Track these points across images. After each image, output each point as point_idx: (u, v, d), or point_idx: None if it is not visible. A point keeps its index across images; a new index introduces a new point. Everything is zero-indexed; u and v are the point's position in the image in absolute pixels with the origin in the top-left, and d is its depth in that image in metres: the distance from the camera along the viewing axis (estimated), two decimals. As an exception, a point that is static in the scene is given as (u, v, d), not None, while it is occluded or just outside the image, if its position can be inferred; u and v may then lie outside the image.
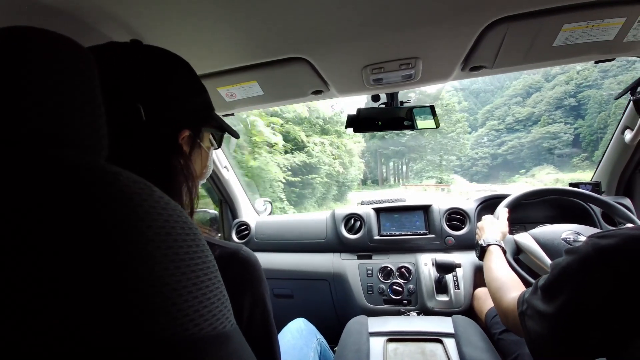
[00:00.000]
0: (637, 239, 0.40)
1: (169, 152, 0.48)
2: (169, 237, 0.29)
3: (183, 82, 0.51)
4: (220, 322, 0.31)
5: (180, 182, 0.48)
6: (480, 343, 0.86)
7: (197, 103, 0.53)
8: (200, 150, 0.54)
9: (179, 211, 0.32)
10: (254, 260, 0.50)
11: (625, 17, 0.69)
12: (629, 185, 1.32)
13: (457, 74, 0.95)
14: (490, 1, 0.64)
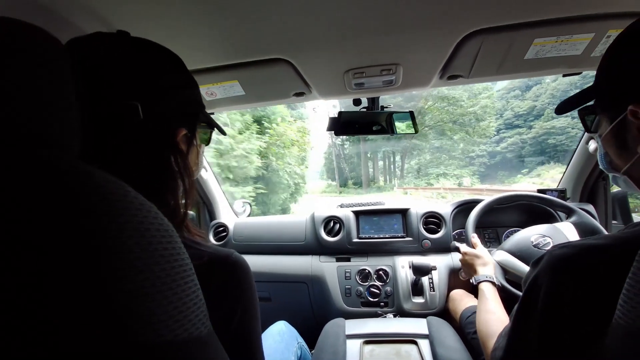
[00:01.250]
0: (590, 248, 0.42)
1: (167, 151, 0.46)
2: (143, 239, 0.28)
3: (176, 76, 0.49)
4: (196, 327, 0.31)
5: (177, 181, 0.47)
6: (453, 343, 0.89)
7: (191, 99, 0.51)
8: (194, 149, 0.53)
9: (155, 212, 0.31)
10: (245, 265, 0.49)
11: (593, 33, 0.73)
12: (593, 192, 1.41)
13: (436, 81, 0.98)
14: (467, 13, 0.67)
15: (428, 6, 0.64)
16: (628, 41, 0.43)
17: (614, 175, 0.51)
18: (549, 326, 0.44)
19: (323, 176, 26.94)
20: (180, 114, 0.48)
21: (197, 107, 0.53)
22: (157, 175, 0.45)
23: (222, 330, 0.42)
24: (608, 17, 0.69)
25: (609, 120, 0.46)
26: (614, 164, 0.49)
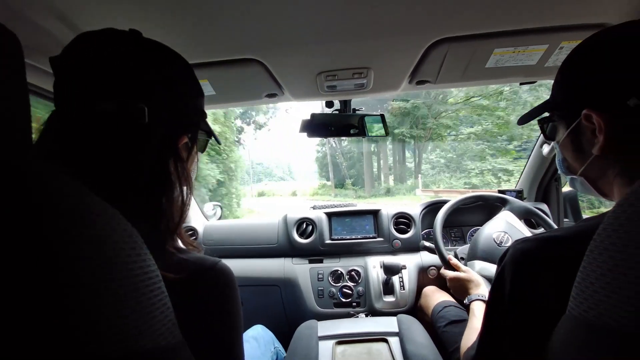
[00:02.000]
0: (549, 240, 0.46)
1: (168, 157, 0.45)
2: (105, 246, 0.26)
3: (186, 83, 0.49)
4: (164, 337, 0.29)
5: (175, 188, 0.46)
6: (422, 339, 0.92)
7: (196, 107, 0.51)
8: (192, 157, 0.52)
9: (118, 219, 0.29)
10: (230, 274, 0.48)
11: (547, 44, 0.79)
12: (546, 192, 1.52)
13: (405, 86, 1.01)
14: (433, 22, 0.70)
15: (397, 14, 0.66)
16: (580, 54, 0.47)
17: (571, 177, 0.54)
18: (516, 319, 0.47)
19: (320, 175, 23.11)
20: (185, 121, 0.48)
21: (201, 116, 0.52)
22: (155, 180, 0.44)
23: (204, 340, 0.41)
24: (560, 30, 0.74)
25: (566, 127, 0.50)
26: (571, 167, 0.53)
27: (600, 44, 0.45)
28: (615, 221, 0.30)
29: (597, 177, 0.49)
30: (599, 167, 0.47)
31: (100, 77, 0.39)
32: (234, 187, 6.93)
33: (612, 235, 0.30)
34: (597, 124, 0.43)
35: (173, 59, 0.47)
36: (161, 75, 0.44)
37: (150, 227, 0.43)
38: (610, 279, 0.29)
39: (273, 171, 39.01)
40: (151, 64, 0.43)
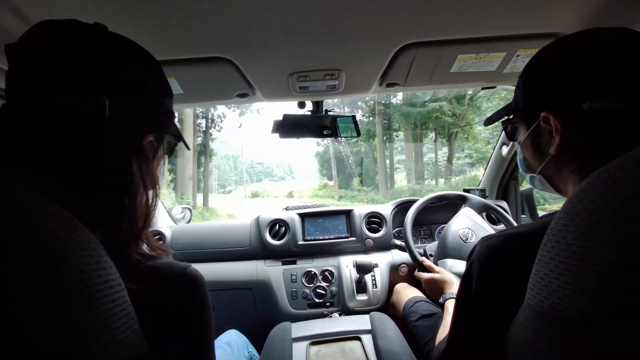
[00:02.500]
0: (511, 236, 0.49)
1: (130, 154, 0.42)
2: (58, 253, 0.25)
3: (154, 81, 0.46)
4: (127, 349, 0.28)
5: (139, 190, 0.43)
6: (394, 335, 0.94)
7: (163, 106, 0.48)
8: (158, 159, 0.49)
9: (73, 223, 0.27)
10: (200, 279, 0.46)
11: (505, 52, 0.85)
12: (506, 190, 1.62)
13: (376, 88, 1.03)
14: (401, 27, 0.72)
15: (366, 18, 0.67)
16: (538, 61, 0.51)
17: (531, 176, 0.58)
18: (483, 312, 0.49)
19: (322, 173, 19.80)
20: (150, 119, 0.45)
21: (168, 117, 0.50)
22: (117, 180, 0.41)
23: (174, 348, 0.40)
24: (517, 38, 0.80)
25: (526, 128, 0.54)
26: (531, 166, 0.57)
27: (556, 52, 0.49)
28: (566, 216, 0.33)
29: (554, 175, 0.53)
30: (555, 166, 0.51)
31: (60, 68, 0.37)
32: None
33: (563, 230, 0.33)
34: (554, 126, 0.47)
35: (140, 55, 0.45)
36: (126, 70, 0.42)
37: (111, 231, 0.40)
38: (563, 270, 0.32)
39: (273, 171, 37.86)
40: (115, 58, 0.41)
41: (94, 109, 0.37)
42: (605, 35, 0.46)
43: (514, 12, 0.70)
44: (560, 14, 0.71)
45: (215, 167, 31.31)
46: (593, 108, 0.43)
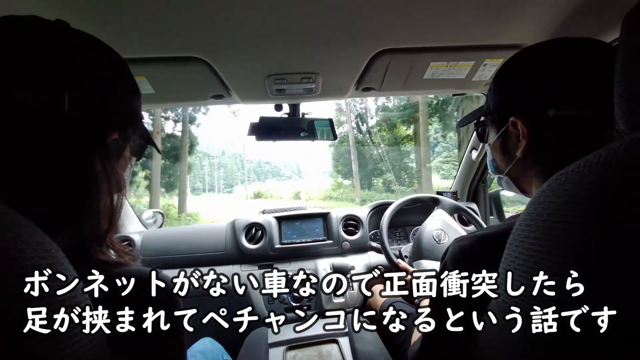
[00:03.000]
0: (482, 237, 0.51)
1: (93, 153, 0.40)
2: (16, 263, 0.23)
3: (121, 79, 0.45)
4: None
5: (103, 190, 0.41)
6: (370, 337, 0.95)
7: (128, 105, 0.46)
8: (124, 159, 0.47)
9: (31, 230, 0.26)
10: (169, 285, 0.45)
11: (474, 61, 0.89)
12: (475, 193, 1.69)
13: (352, 92, 1.05)
14: (376, 34, 0.74)
15: (342, 23, 0.69)
16: (508, 69, 0.54)
17: (499, 177, 0.61)
18: (457, 312, 0.51)
19: (336, 170, 15.78)
20: (114, 116, 0.43)
21: (135, 116, 0.48)
22: (78, 179, 0.39)
23: (145, 358, 0.39)
24: (484, 49, 0.84)
25: (496, 131, 0.57)
26: (499, 167, 0.60)
27: (524, 61, 0.52)
28: (528, 217, 0.35)
29: (519, 177, 0.56)
30: (521, 168, 0.54)
31: (18, 64, 0.35)
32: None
33: (526, 230, 0.35)
34: (522, 130, 0.50)
35: (103, 52, 0.43)
36: (88, 66, 0.40)
37: (73, 235, 0.38)
38: (526, 268, 0.34)
39: (281, 170, 36.60)
40: (76, 54, 0.39)
41: (52, 104, 0.36)
42: (571, 45, 0.49)
43: (481, 23, 0.73)
44: (523, 26, 0.76)
45: (221, 165, 30.09)
46: (558, 115, 0.46)
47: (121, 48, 0.74)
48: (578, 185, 0.30)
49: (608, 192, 0.27)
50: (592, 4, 0.68)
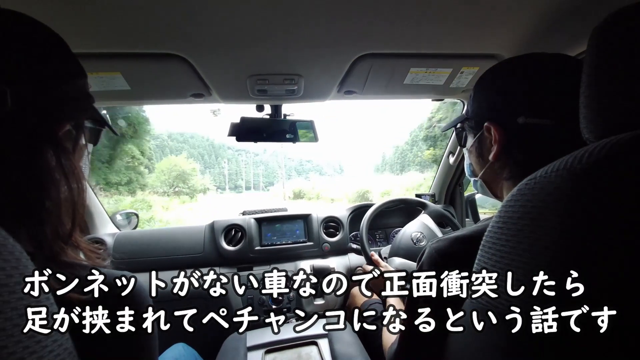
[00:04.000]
0: (457, 239, 0.53)
1: (45, 149, 0.37)
2: None
3: (61, 61, 0.41)
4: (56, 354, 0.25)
5: (59, 186, 0.38)
6: (349, 338, 0.96)
7: (77, 90, 0.43)
8: (80, 148, 0.44)
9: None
10: (141, 289, 0.44)
11: (451, 69, 0.92)
12: (452, 196, 1.74)
13: (334, 95, 1.05)
14: (358, 39, 0.75)
15: (325, 26, 0.69)
16: (485, 78, 0.58)
17: (474, 180, 0.64)
18: (434, 311, 0.52)
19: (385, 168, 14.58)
20: (63, 106, 0.40)
21: (85, 100, 0.45)
22: (33, 178, 0.36)
23: (112, 353, 0.37)
24: (461, 57, 0.88)
25: (473, 136, 0.60)
26: (475, 171, 0.63)
27: (500, 71, 0.56)
28: (500, 220, 0.36)
29: (491, 181, 0.59)
30: (493, 172, 0.57)
31: None
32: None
33: (498, 232, 0.36)
34: (494, 135, 0.53)
35: (37, 35, 0.40)
36: (24, 52, 0.37)
37: (35, 237, 0.36)
38: (498, 269, 0.35)
39: (323, 169, 35.57)
40: (11, 43, 0.37)
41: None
42: (544, 60, 0.53)
43: (459, 33, 0.76)
44: (498, 38, 0.79)
45: (261, 162, 28.87)
46: (527, 122, 0.49)
47: (95, 41, 0.71)
48: (546, 190, 0.31)
49: (573, 196, 0.29)
50: (563, 19, 0.72)
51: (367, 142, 32.76)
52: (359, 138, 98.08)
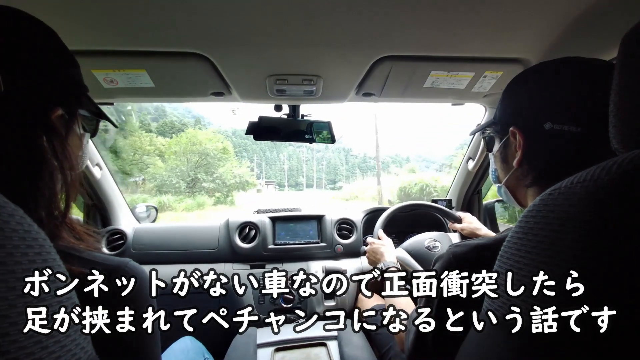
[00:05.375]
0: (477, 246, 0.52)
1: (38, 131, 0.39)
2: (2, 250, 0.23)
3: (49, 49, 0.42)
4: (73, 353, 0.26)
5: (53, 169, 0.40)
6: (358, 341, 0.95)
7: (68, 77, 0.45)
8: (74, 135, 0.46)
9: (19, 217, 0.25)
10: (142, 276, 0.44)
11: (474, 72, 0.90)
12: (470, 203, 1.70)
13: (352, 96, 1.05)
14: (378, 41, 0.75)
15: (346, 28, 0.69)
16: (513, 83, 0.57)
17: (498, 186, 0.63)
18: (446, 313, 0.51)
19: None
20: (55, 91, 0.42)
21: (77, 89, 0.47)
22: (27, 160, 0.38)
23: (114, 351, 0.37)
24: (485, 61, 0.86)
25: (499, 141, 0.59)
26: (500, 176, 0.62)
27: (528, 76, 0.55)
28: (520, 230, 0.35)
29: (515, 187, 0.58)
30: (516, 178, 0.56)
31: None
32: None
33: (517, 243, 0.35)
34: (519, 140, 0.52)
35: (30, 25, 0.42)
36: (14, 40, 0.39)
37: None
38: (515, 280, 0.34)
39: (389, 166, 34.63)
40: (4, 31, 0.38)
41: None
42: (575, 64, 0.51)
43: (482, 36, 0.74)
44: (523, 41, 0.77)
45: (324, 159, 28.25)
46: (553, 129, 0.48)
47: (122, 39, 0.74)
48: (570, 201, 0.30)
49: (598, 209, 0.28)
50: (593, 23, 0.69)
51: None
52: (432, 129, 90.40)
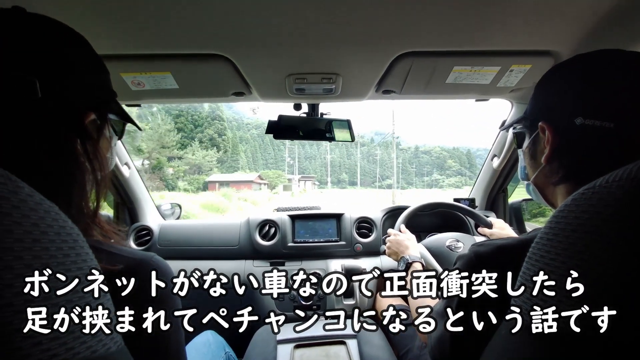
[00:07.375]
0: (501, 246, 0.50)
1: (72, 135, 0.41)
2: (37, 245, 0.24)
3: (82, 57, 0.44)
4: (103, 343, 0.27)
5: (85, 172, 0.42)
6: (378, 341, 0.94)
7: (99, 84, 0.47)
8: (104, 139, 0.48)
9: (55, 213, 0.27)
10: (167, 270, 0.45)
11: (499, 67, 0.86)
12: (494, 202, 1.64)
13: (372, 94, 1.04)
14: (399, 36, 0.73)
15: (365, 25, 0.68)
16: (545, 78, 0.55)
17: (527, 184, 0.61)
18: (470, 313, 0.50)
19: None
20: (87, 97, 0.44)
21: (108, 94, 0.49)
22: (62, 163, 0.40)
23: (139, 342, 0.38)
24: (511, 54, 0.82)
25: (529, 137, 0.57)
26: (528, 174, 0.59)
27: (559, 69, 0.53)
28: (550, 231, 0.34)
29: (543, 185, 0.55)
30: (544, 176, 0.54)
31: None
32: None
33: (547, 244, 0.33)
34: (547, 136, 0.50)
35: (63, 33, 0.44)
36: (49, 48, 0.41)
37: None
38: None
39: (445, 163, 33.50)
40: (36, 37, 0.40)
41: (24, 93, 0.36)
42: (610, 57, 0.48)
43: (510, 28, 0.71)
44: (553, 32, 0.73)
45: (370, 155, 27.66)
46: (584, 124, 0.45)
47: (148, 43, 0.77)
48: (604, 201, 0.28)
49: (636, 209, 0.26)
50: (628, 13, 0.65)
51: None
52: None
